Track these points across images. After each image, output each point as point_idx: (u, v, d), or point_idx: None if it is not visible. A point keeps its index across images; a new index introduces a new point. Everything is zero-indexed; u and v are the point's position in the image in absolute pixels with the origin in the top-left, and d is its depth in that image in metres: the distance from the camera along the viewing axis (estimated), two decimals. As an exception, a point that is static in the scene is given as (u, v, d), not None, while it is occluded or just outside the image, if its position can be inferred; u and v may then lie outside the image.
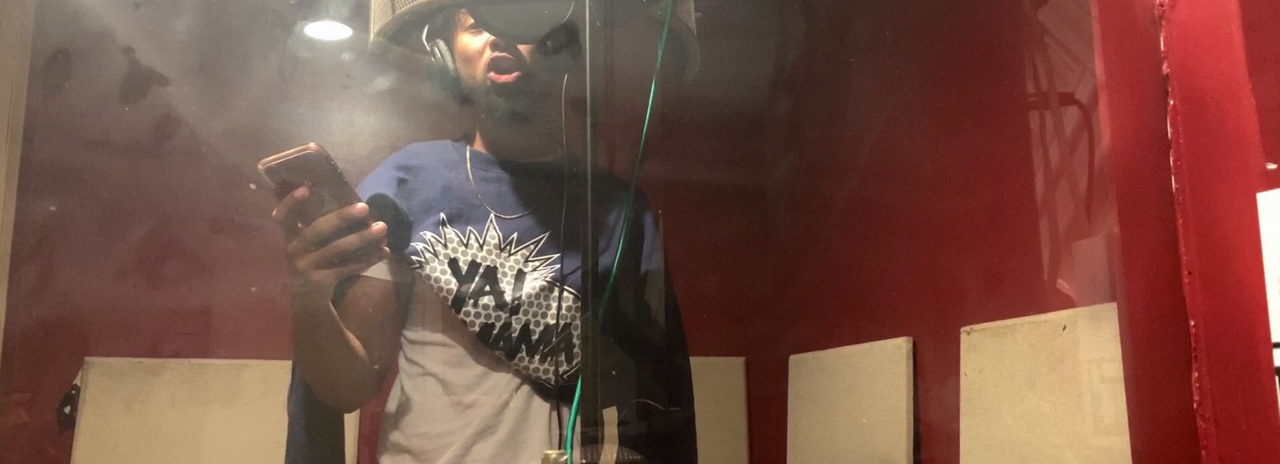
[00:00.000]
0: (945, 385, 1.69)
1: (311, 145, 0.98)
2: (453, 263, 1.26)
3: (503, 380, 1.26)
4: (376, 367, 1.29)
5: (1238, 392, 0.97)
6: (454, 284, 1.25)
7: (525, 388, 1.26)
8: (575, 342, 1.26)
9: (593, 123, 1.14)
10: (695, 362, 2.36)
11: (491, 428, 1.25)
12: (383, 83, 2.11)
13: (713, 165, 2.47)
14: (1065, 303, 1.43)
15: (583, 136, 1.15)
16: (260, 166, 0.99)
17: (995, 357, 1.56)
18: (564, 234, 1.29)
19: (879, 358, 1.88)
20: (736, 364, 2.40)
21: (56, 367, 2.03)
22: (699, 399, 2.41)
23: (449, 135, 1.44)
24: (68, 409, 2.01)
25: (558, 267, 1.28)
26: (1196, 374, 1.01)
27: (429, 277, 1.25)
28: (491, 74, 1.28)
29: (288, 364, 1.32)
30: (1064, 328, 1.40)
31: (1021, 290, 1.55)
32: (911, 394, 1.78)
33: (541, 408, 1.26)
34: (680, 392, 1.44)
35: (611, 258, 1.27)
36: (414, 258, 1.25)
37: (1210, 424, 0.99)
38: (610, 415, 1.20)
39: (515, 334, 1.25)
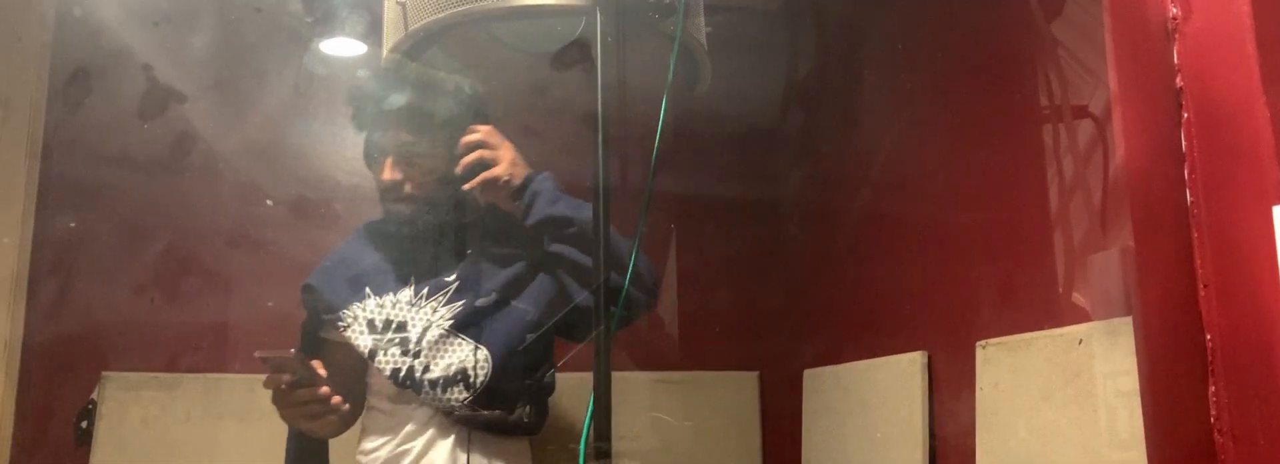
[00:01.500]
0: (960, 400, 1.68)
1: (291, 351, 1.45)
2: (370, 323, 1.56)
3: (418, 412, 1.54)
4: (346, 407, 1.58)
5: (1256, 406, 0.96)
6: (368, 340, 1.55)
7: (437, 417, 1.53)
8: (470, 377, 1.52)
9: (604, 137, 1.14)
10: (709, 376, 2.36)
11: (406, 451, 1.53)
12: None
13: (725, 179, 2.47)
14: (1081, 316, 1.42)
15: (595, 150, 1.16)
16: (257, 355, 1.39)
17: (1011, 371, 1.55)
18: (459, 281, 1.57)
19: (894, 372, 1.87)
20: (750, 379, 2.39)
21: (74, 381, 2.04)
22: (713, 415, 2.41)
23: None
24: (85, 424, 2.02)
25: (461, 310, 1.54)
26: (1213, 388, 1.01)
27: (351, 338, 1.55)
28: (391, 205, 1.57)
29: (302, 379, 1.44)
30: (1080, 342, 1.39)
31: (1037, 304, 1.54)
32: (927, 409, 1.77)
33: (449, 434, 1.53)
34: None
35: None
36: (340, 325, 1.56)
37: (1228, 439, 0.98)
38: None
39: (418, 374, 1.52)
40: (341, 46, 2.22)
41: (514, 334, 1.55)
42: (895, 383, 1.86)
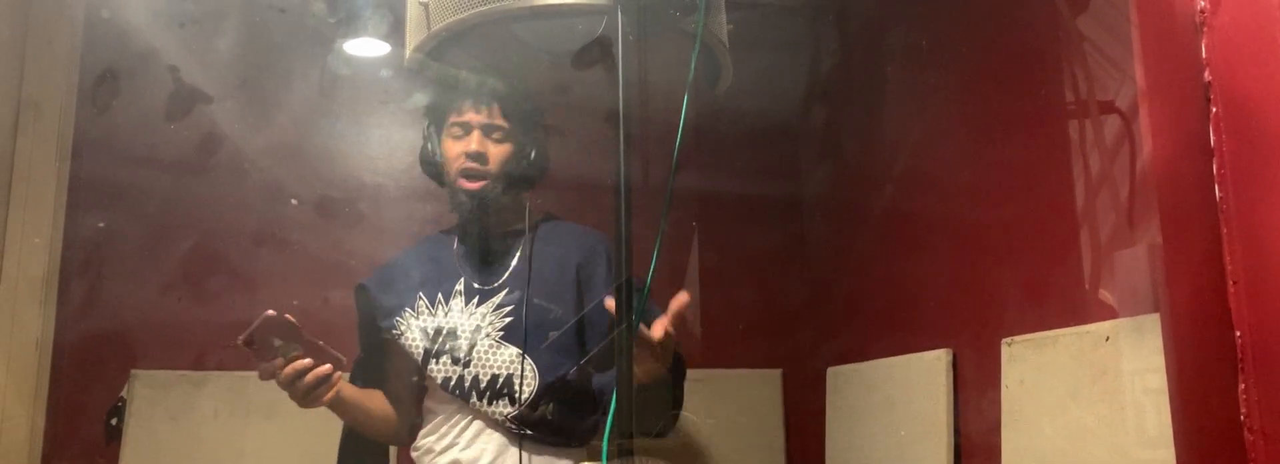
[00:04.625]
0: (986, 397, 1.67)
1: (269, 312, 1.37)
2: (423, 330, 1.56)
3: (470, 421, 1.53)
4: (403, 408, 1.60)
5: (1287, 404, 0.95)
6: (421, 347, 1.55)
7: (488, 427, 1.52)
8: (516, 389, 1.50)
9: (625, 135, 1.14)
10: (732, 374, 2.36)
11: (459, 454, 1.52)
12: (420, 98, 2.13)
13: (747, 177, 2.46)
14: (1108, 313, 1.41)
15: (617, 149, 1.16)
16: (238, 341, 1.34)
17: (1036, 368, 1.54)
18: (508, 289, 1.55)
19: (918, 370, 1.86)
20: (774, 376, 2.39)
21: (104, 379, 2.07)
22: (737, 412, 2.41)
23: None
24: (114, 421, 2.05)
25: (510, 319, 1.53)
26: (1243, 386, 0.99)
27: (405, 344, 1.56)
28: (461, 180, 1.53)
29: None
30: (1107, 339, 1.38)
31: (1063, 301, 1.53)
32: (951, 406, 1.76)
33: (502, 441, 1.51)
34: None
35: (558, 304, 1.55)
36: (393, 331, 1.57)
37: (1258, 437, 0.97)
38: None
39: (467, 383, 1.52)
40: (365, 47, 2.23)
41: (565, 345, 1.53)
42: (920, 380, 1.85)
